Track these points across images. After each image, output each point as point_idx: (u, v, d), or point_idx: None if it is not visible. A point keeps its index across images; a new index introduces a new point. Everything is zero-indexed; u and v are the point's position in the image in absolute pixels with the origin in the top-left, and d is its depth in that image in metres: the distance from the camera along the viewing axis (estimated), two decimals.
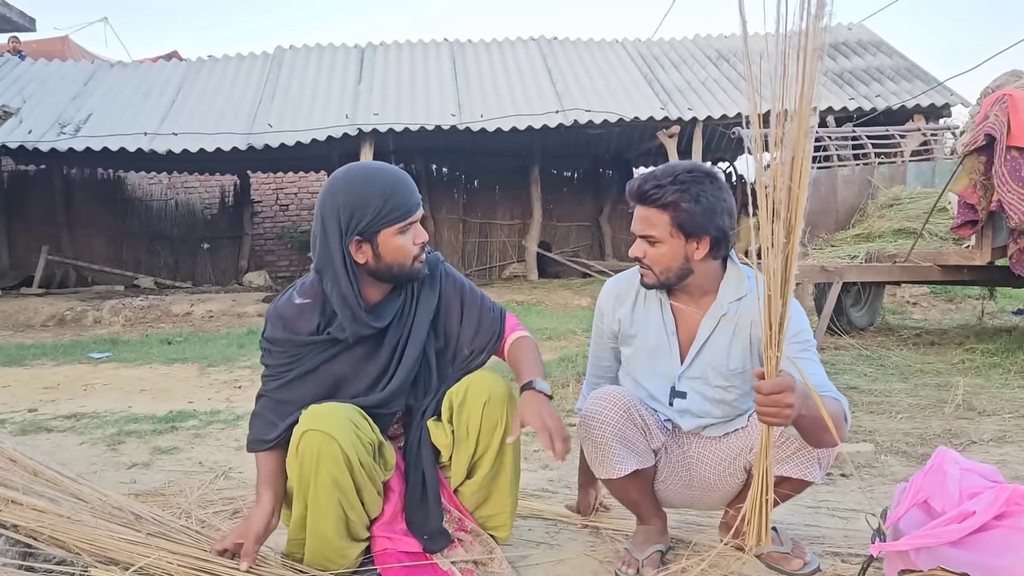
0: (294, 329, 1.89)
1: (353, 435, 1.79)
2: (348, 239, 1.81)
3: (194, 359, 6.01)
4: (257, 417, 1.97)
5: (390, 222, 1.82)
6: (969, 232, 4.82)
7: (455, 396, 1.94)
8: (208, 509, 2.44)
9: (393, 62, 11.61)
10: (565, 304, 9.27)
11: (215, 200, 14.17)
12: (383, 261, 1.84)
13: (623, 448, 1.95)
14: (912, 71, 10.97)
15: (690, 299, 1.99)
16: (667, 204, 1.86)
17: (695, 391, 2.00)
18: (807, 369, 1.82)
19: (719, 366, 1.95)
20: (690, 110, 10.08)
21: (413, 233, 1.87)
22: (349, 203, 1.80)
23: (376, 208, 1.80)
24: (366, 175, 1.84)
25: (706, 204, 1.86)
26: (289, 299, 1.93)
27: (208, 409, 4.24)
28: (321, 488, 1.78)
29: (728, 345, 1.95)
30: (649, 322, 2.04)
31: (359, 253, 1.84)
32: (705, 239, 1.88)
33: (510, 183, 13.05)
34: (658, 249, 1.89)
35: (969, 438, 3.26)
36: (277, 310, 1.93)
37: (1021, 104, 4.38)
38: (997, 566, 1.65)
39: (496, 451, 1.94)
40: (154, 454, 3.30)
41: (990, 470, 1.96)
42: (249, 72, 11.56)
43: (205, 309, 9.40)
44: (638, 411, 1.99)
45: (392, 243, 1.83)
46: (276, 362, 1.91)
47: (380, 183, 1.82)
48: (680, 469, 2.07)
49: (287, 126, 9.93)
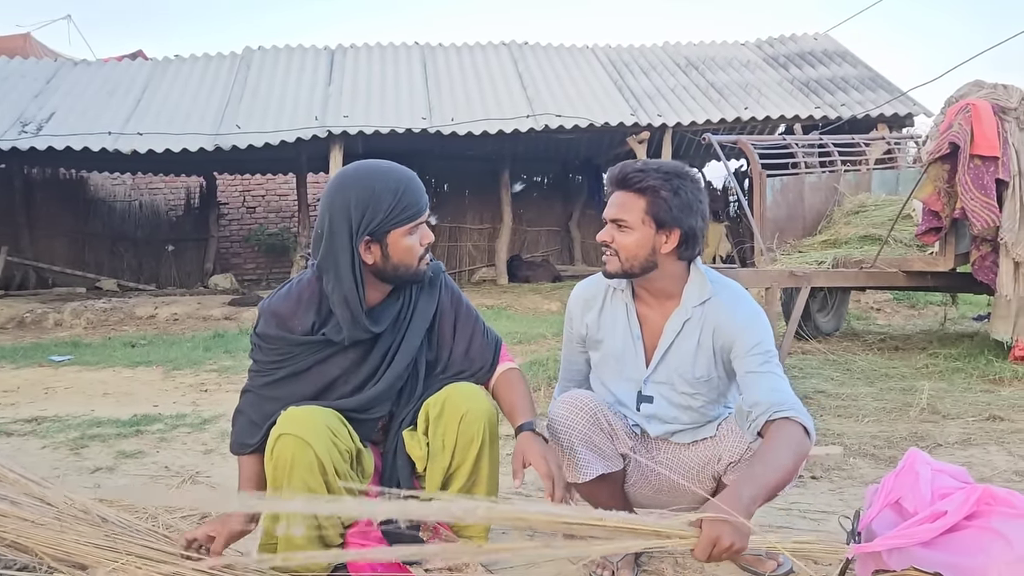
0: (288, 327, 1.85)
1: (329, 442, 1.76)
2: (359, 239, 1.78)
3: (158, 362, 5.91)
4: (240, 415, 1.94)
5: (401, 222, 1.79)
6: (933, 239, 4.91)
7: (432, 408, 1.91)
8: (176, 514, 2.39)
9: (363, 64, 11.54)
10: (535, 308, 9.28)
11: (180, 201, 13.97)
12: (391, 262, 1.82)
13: (589, 453, 1.96)
14: (876, 81, 11.17)
15: (655, 302, 1.98)
16: (646, 189, 1.86)
17: (662, 396, 1.99)
18: (767, 384, 1.81)
19: (685, 373, 1.95)
20: (660, 116, 10.16)
21: (420, 234, 1.85)
22: (361, 201, 1.77)
23: (388, 207, 1.77)
24: (377, 173, 1.80)
25: (684, 199, 1.86)
26: (285, 295, 1.89)
27: (174, 413, 4.16)
28: (294, 492, 1.75)
29: (694, 352, 1.94)
30: (616, 327, 2.03)
31: (368, 253, 1.80)
32: (675, 233, 1.87)
33: (480, 187, 13.04)
34: (627, 235, 1.88)
35: (935, 441, 3.31)
36: (271, 307, 1.88)
37: (984, 114, 4.47)
38: (968, 566, 1.67)
39: (471, 466, 1.91)
40: (118, 458, 3.23)
41: (959, 471, 1.98)
42: (217, 72, 11.41)
43: (170, 312, 9.24)
44: (605, 416, 1.99)
45: (402, 243, 1.80)
46: (266, 359, 1.87)
47: (392, 181, 1.79)
48: (650, 474, 2.06)
49: (255, 127, 9.82)
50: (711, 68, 11.76)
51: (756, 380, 1.84)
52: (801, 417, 1.76)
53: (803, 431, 1.75)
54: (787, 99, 10.69)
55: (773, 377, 1.84)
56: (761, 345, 1.87)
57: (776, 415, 1.76)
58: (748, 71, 11.65)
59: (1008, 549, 1.64)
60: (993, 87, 4.69)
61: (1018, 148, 4.61)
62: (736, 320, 1.89)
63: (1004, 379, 4.60)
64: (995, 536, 1.68)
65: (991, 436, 3.37)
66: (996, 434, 3.40)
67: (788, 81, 11.30)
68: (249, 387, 1.94)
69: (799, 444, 1.73)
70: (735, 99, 10.72)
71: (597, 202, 13.88)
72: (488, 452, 1.93)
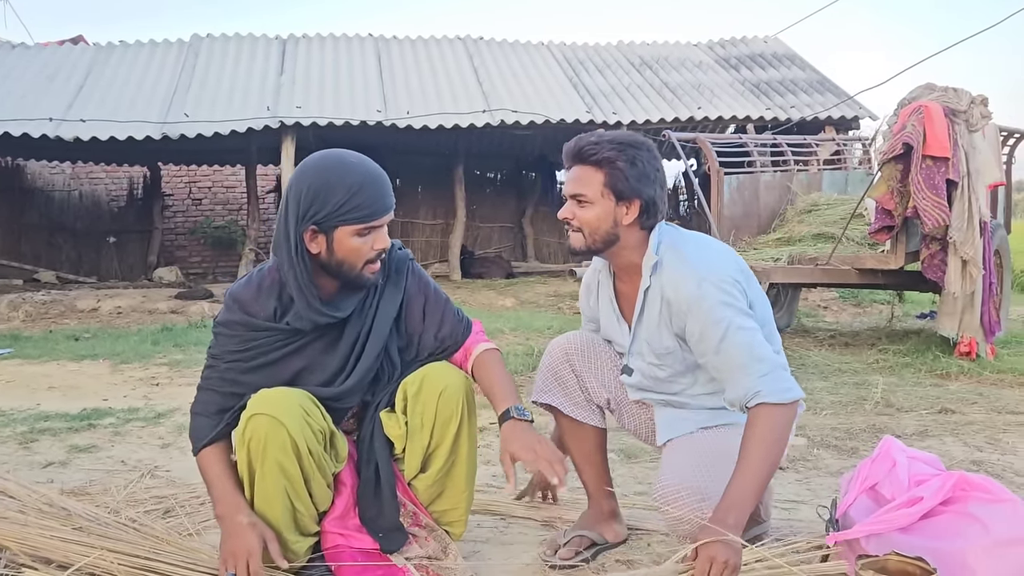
0: (249, 312, 1.80)
1: (303, 421, 1.71)
2: (303, 226, 1.72)
3: (105, 356, 5.71)
4: (198, 416, 1.86)
5: (350, 220, 1.71)
6: (885, 237, 5.03)
7: (410, 386, 1.87)
8: (138, 508, 2.30)
9: (316, 55, 11.35)
10: (490, 304, 9.25)
11: (123, 192, 13.56)
12: (334, 257, 1.75)
13: (552, 382, 2.09)
14: (824, 84, 11.42)
15: (627, 277, 1.98)
16: (602, 161, 1.84)
17: (637, 368, 2.01)
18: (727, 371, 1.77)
19: (652, 343, 1.95)
20: (615, 114, 10.22)
21: (374, 237, 1.76)
22: (312, 189, 1.71)
23: (338, 202, 1.70)
24: (339, 165, 1.74)
25: (641, 168, 1.85)
26: (246, 283, 1.85)
27: (125, 407, 4.03)
28: (268, 475, 1.70)
29: (656, 323, 1.92)
30: (605, 306, 2.08)
31: (312, 243, 1.74)
32: (635, 203, 1.86)
33: (433, 183, 12.95)
34: (587, 210, 1.86)
35: (893, 432, 3.38)
36: (233, 293, 1.84)
37: (936, 115, 4.60)
38: (946, 550, 1.70)
39: (451, 444, 1.88)
40: (71, 452, 3.11)
41: (932, 458, 2.03)
42: (163, 60, 11.10)
43: (113, 305, 8.96)
44: (582, 361, 2.08)
45: (347, 242, 1.73)
46: (229, 347, 1.82)
47: (351, 177, 1.72)
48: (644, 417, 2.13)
49: (205, 116, 9.57)
50: (664, 68, 11.89)
51: (719, 371, 1.82)
52: (769, 395, 1.73)
53: (775, 409, 1.73)
54: (739, 100, 10.86)
55: (731, 355, 1.78)
56: (710, 324, 1.79)
57: (750, 404, 1.76)
58: (701, 72, 11.81)
59: (984, 533, 1.68)
60: (944, 90, 4.83)
61: (967, 150, 4.76)
62: (680, 298, 1.84)
63: (951, 374, 4.74)
64: (972, 521, 1.72)
65: (946, 428, 3.46)
66: (950, 426, 3.50)
67: (739, 82, 11.48)
68: (206, 383, 1.86)
69: (771, 430, 1.73)
70: (688, 99, 10.86)
71: (551, 199, 13.92)
72: (467, 429, 1.92)
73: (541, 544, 2.14)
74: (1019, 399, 4.11)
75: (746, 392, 1.76)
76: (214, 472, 1.79)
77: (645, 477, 2.82)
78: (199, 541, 2.04)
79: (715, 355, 1.81)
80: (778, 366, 1.79)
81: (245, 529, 1.67)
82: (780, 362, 1.81)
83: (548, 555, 2.05)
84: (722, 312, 1.79)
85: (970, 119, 4.73)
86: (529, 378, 4.66)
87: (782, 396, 1.75)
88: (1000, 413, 3.77)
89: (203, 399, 1.86)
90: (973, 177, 4.75)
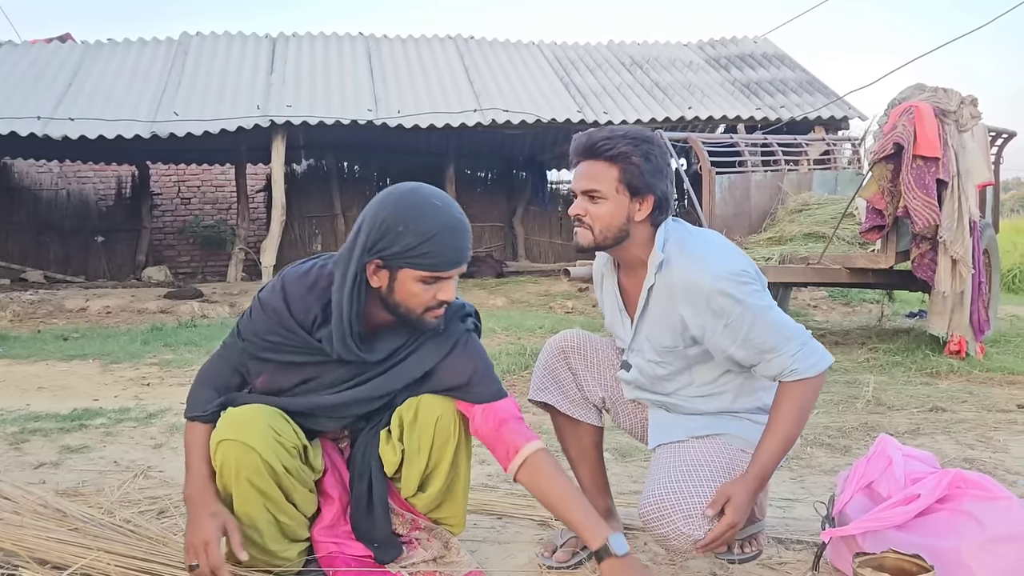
0: (292, 307, 1.74)
1: (273, 441, 1.67)
2: (369, 257, 1.66)
3: (95, 356, 5.68)
4: (201, 385, 1.80)
5: (417, 266, 1.65)
6: (876, 236, 5.05)
7: (405, 413, 1.83)
8: (132, 509, 2.29)
9: (306, 54, 11.32)
10: (480, 303, 9.25)
11: (111, 191, 13.47)
12: (393, 296, 1.69)
13: (549, 380, 2.10)
14: (813, 84, 11.47)
15: (632, 272, 1.96)
16: (616, 156, 1.81)
17: (636, 366, 1.99)
18: (755, 356, 1.80)
19: (653, 340, 1.93)
20: (606, 114, 10.23)
21: (438, 287, 1.69)
22: (387, 224, 1.64)
23: (409, 244, 1.63)
24: (421, 205, 1.66)
25: (655, 164, 1.82)
26: (303, 274, 1.77)
27: (116, 407, 4.00)
28: (246, 497, 1.68)
29: (660, 320, 1.90)
30: (609, 300, 2.06)
31: (375, 276, 1.68)
32: (649, 199, 1.83)
33: (424, 182, 12.85)
34: (600, 206, 1.83)
35: (885, 431, 3.40)
36: (285, 280, 1.77)
37: (926, 115, 4.63)
38: (941, 547, 1.72)
39: (449, 465, 1.86)
40: (63, 453, 3.09)
41: (928, 456, 2.04)
42: (152, 58, 11.04)
43: (102, 305, 8.91)
44: (579, 359, 2.08)
45: (409, 286, 1.67)
46: (256, 328, 1.76)
47: (430, 221, 1.64)
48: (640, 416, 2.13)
49: (194, 115, 9.53)
50: (655, 68, 11.91)
51: (747, 358, 1.84)
52: (803, 372, 1.79)
53: (807, 383, 1.80)
54: (729, 100, 10.89)
55: (761, 340, 1.79)
56: (733, 316, 1.79)
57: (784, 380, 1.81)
58: (691, 72, 11.83)
59: (981, 530, 1.69)
60: (934, 90, 4.86)
61: (957, 150, 4.79)
62: (694, 296, 1.82)
63: (941, 372, 4.77)
64: (968, 518, 1.73)
65: (937, 426, 3.48)
66: (942, 424, 3.52)
67: (729, 82, 11.52)
68: (223, 352, 1.81)
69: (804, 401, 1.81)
70: (679, 98, 10.88)
71: (541, 199, 13.93)
72: (464, 448, 1.90)
73: (538, 545, 2.14)
74: (1008, 397, 4.14)
75: (781, 371, 1.81)
76: (195, 452, 1.74)
77: (640, 476, 2.82)
78: None
79: (743, 343, 1.81)
80: (807, 339, 1.82)
81: (206, 520, 1.64)
82: (807, 334, 1.84)
83: (545, 557, 2.04)
84: (743, 301, 1.79)
85: (960, 119, 4.76)
86: (522, 377, 4.66)
87: (814, 370, 1.80)
88: (990, 411, 3.80)
89: (213, 368, 1.82)
90: (963, 177, 4.78)
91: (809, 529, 2.26)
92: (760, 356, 1.82)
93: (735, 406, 1.96)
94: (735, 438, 1.92)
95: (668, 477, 1.83)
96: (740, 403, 1.96)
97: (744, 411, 1.97)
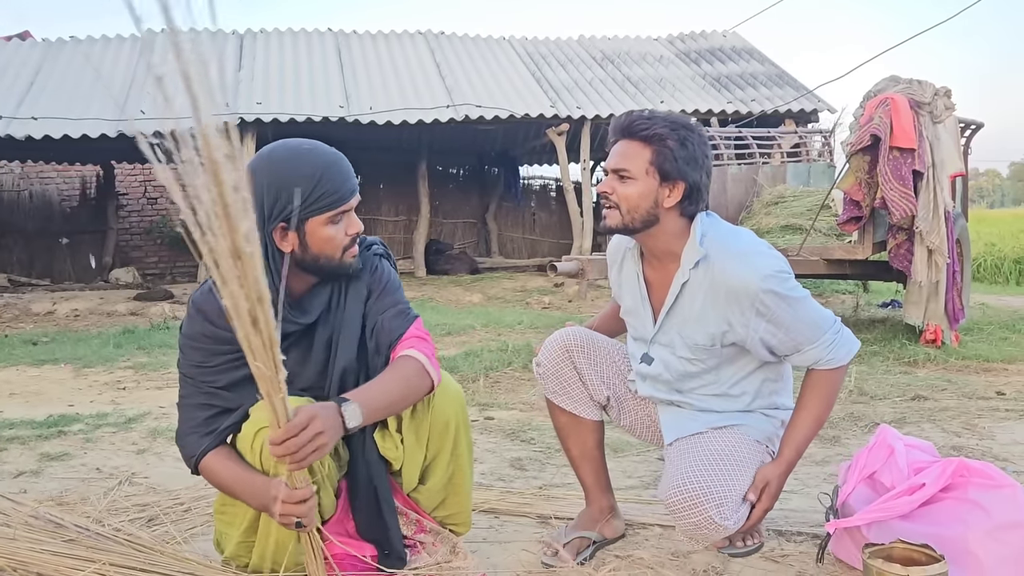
0: (214, 322, 1.68)
1: None
2: (271, 225, 1.62)
3: (66, 360, 5.54)
4: (185, 437, 1.72)
5: (319, 210, 1.62)
6: (853, 228, 5.10)
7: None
8: (121, 517, 2.23)
9: (275, 50, 11.17)
10: (457, 300, 9.21)
11: (75, 192, 13.21)
12: (310, 252, 1.65)
13: (554, 380, 2.08)
14: (783, 78, 11.57)
15: (659, 264, 1.92)
16: (652, 137, 1.78)
17: (660, 359, 1.96)
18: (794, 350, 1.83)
19: (687, 336, 1.90)
20: (579, 108, 10.24)
21: (346, 223, 1.68)
22: (273, 186, 1.60)
23: (304, 194, 1.60)
24: (294, 155, 1.64)
25: (691, 151, 1.79)
26: (209, 290, 1.71)
27: (93, 412, 3.90)
28: None
29: (696, 318, 1.87)
30: (629, 286, 2.03)
31: (283, 242, 1.64)
32: (680, 186, 1.80)
33: (395, 179, 12.85)
34: (629, 186, 1.80)
35: (871, 420, 3.43)
36: (195, 302, 1.72)
37: (902, 107, 4.68)
38: (947, 536, 1.72)
39: (449, 454, 1.83)
40: (43, 461, 3.00)
41: (927, 445, 2.05)
42: (116, 55, 10.83)
43: (70, 308, 8.73)
44: (583, 358, 2.06)
45: (320, 233, 1.64)
46: (196, 360, 1.70)
47: (309, 165, 1.62)
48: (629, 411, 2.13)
49: (162, 113, 9.33)
50: (626, 62, 11.94)
51: (782, 348, 1.86)
52: (836, 361, 1.85)
53: (837, 371, 1.87)
54: (700, 94, 10.96)
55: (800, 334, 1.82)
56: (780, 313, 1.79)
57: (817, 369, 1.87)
58: (662, 66, 11.88)
59: (987, 518, 1.70)
60: (908, 82, 4.91)
61: (931, 141, 4.85)
62: (740, 294, 1.79)
63: (919, 361, 4.83)
64: (973, 506, 1.74)
65: (922, 415, 3.52)
66: (926, 412, 3.56)
67: (700, 76, 11.58)
68: (185, 400, 1.74)
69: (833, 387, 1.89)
70: (651, 93, 10.92)
71: (514, 195, 13.91)
72: (465, 437, 1.87)
73: (540, 543, 2.11)
74: (987, 384, 4.20)
75: (816, 361, 1.86)
76: (227, 474, 1.66)
77: (634, 471, 2.81)
78: (189, 549, 1.98)
79: (783, 338, 1.83)
80: (840, 327, 1.87)
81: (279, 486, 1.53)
82: (838, 322, 1.88)
83: (548, 556, 2.01)
84: (787, 297, 1.80)
85: (934, 111, 4.82)
86: (505, 374, 4.64)
87: (847, 358, 1.87)
88: (971, 399, 3.85)
89: (186, 418, 1.73)
90: (937, 168, 4.84)
91: (808, 520, 2.26)
92: (796, 348, 1.84)
93: (752, 406, 1.97)
94: (751, 429, 1.92)
95: (695, 466, 1.81)
96: (756, 404, 1.98)
97: (757, 408, 1.97)
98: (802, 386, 1.90)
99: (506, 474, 2.82)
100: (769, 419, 1.97)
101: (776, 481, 1.85)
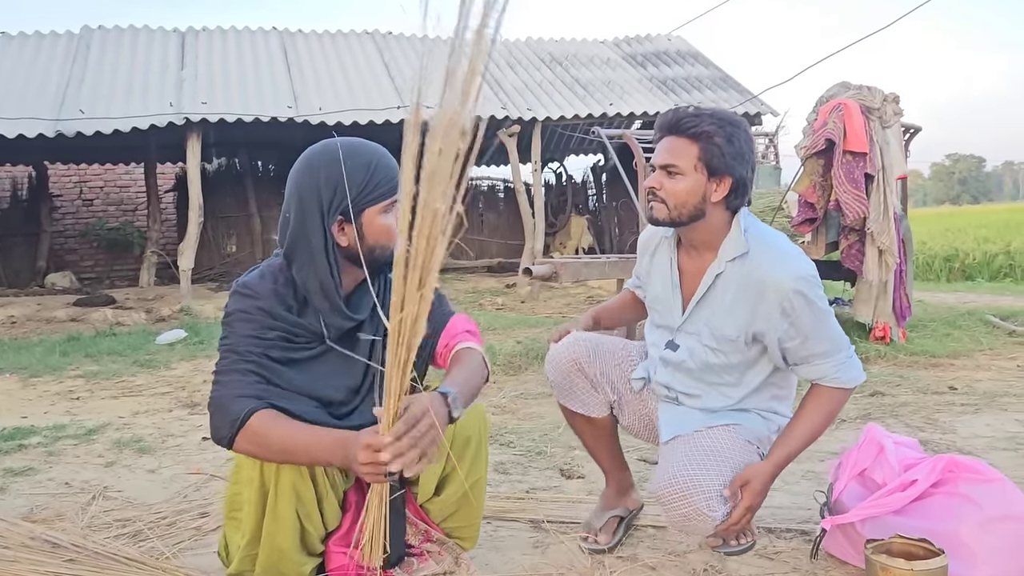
0: (268, 302, 1.66)
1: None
2: (331, 219, 1.64)
3: (10, 370, 5.33)
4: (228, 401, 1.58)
5: (375, 199, 1.65)
6: (808, 229, 5.23)
7: None
8: (105, 533, 2.17)
9: (218, 49, 10.91)
10: None
11: (5, 193, 12.65)
12: (366, 243, 1.66)
13: (567, 391, 2.12)
14: (727, 81, 11.81)
15: (696, 253, 1.97)
16: (700, 134, 1.82)
17: (686, 347, 2.00)
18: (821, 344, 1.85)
19: (714, 328, 1.94)
20: (529, 110, 10.27)
21: (395, 212, 1.68)
22: (331, 179, 1.63)
23: (361, 183, 1.63)
24: (347, 148, 1.67)
25: (737, 147, 1.84)
26: (259, 276, 1.70)
27: (50, 424, 3.77)
28: (281, 496, 1.62)
29: (727, 309, 1.91)
30: (660, 274, 2.06)
31: (341, 235, 1.66)
32: (727, 181, 1.84)
33: None
34: (677, 182, 1.85)
35: (839, 417, 3.53)
36: (247, 283, 1.69)
37: (855, 112, 4.82)
38: (940, 530, 1.79)
39: (468, 468, 1.82)
40: (6, 476, 2.88)
41: (912, 442, 2.13)
42: (52, 52, 10.42)
43: (6, 314, 8.38)
44: (591, 366, 2.09)
45: (377, 223, 1.66)
46: (247, 332, 1.64)
47: (363, 156, 1.66)
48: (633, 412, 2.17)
49: (102, 112, 9.04)
50: (574, 64, 12.02)
51: (796, 354, 1.91)
52: (843, 382, 1.90)
53: (841, 392, 1.92)
54: (648, 96, 11.10)
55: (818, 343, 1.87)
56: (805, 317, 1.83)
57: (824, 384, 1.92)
58: (609, 68, 12.00)
59: (978, 511, 1.77)
60: (859, 88, 5.07)
61: (881, 145, 5.01)
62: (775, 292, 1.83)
63: (870, 358, 4.98)
64: (964, 500, 1.81)
65: (884, 410, 3.64)
66: (888, 408, 3.68)
67: (647, 79, 11.74)
68: (227, 365, 1.63)
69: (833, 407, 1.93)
70: (599, 95, 11.02)
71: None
72: (483, 452, 1.87)
73: (579, 533, 2.19)
74: (937, 379, 4.36)
75: (823, 376, 1.90)
76: (284, 431, 1.55)
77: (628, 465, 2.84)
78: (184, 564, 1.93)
79: (800, 344, 1.87)
80: (852, 352, 1.92)
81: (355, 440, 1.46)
82: (851, 347, 1.94)
83: (591, 541, 2.12)
84: (813, 303, 1.85)
85: (883, 116, 4.99)
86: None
87: (851, 383, 1.92)
88: (926, 394, 3.99)
89: (229, 382, 1.60)
90: (887, 171, 5.01)
91: (795, 517, 2.33)
92: (808, 358, 1.89)
93: (748, 406, 2.02)
94: (745, 429, 1.97)
95: (686, 460, 1.86)
96: (754, 405, 2.04)
97: (754, 409, 2.02)
98: (804, 398, 1.95)
99: (490, 479, 2.81)
100: (766, 421, 2.02)
101: (758, 480, 1.86)
